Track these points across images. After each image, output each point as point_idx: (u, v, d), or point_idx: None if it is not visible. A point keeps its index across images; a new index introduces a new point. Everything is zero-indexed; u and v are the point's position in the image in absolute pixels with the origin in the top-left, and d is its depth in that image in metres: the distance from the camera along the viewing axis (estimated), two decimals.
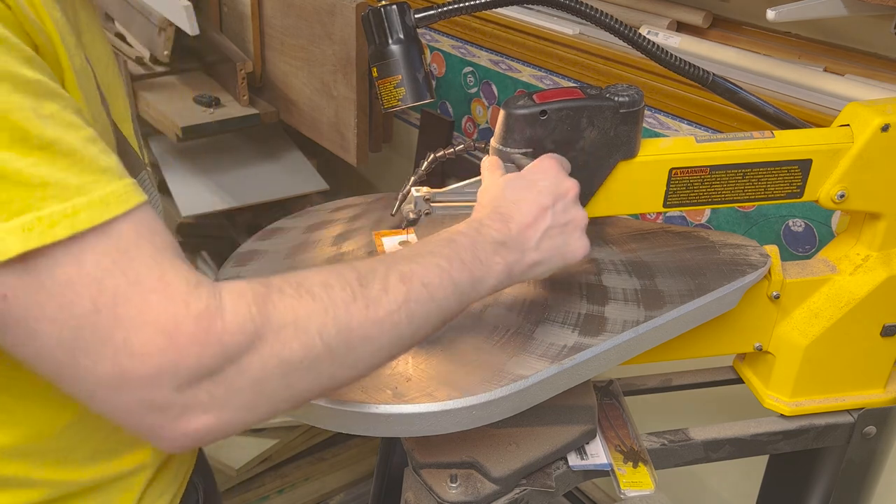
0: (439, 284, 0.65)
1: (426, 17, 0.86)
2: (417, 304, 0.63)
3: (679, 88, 1.26)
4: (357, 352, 0.60)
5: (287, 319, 0.56)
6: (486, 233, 0.71)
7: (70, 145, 0.52)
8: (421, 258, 0.66)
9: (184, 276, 0.53)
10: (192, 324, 0.52)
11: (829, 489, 1.05)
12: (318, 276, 0.60)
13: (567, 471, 0.89)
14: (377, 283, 0.61)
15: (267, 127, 1.93)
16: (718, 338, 0.97)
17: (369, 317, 0.60)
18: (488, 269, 0.70)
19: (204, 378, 0.53)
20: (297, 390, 0.58)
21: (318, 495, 1.92)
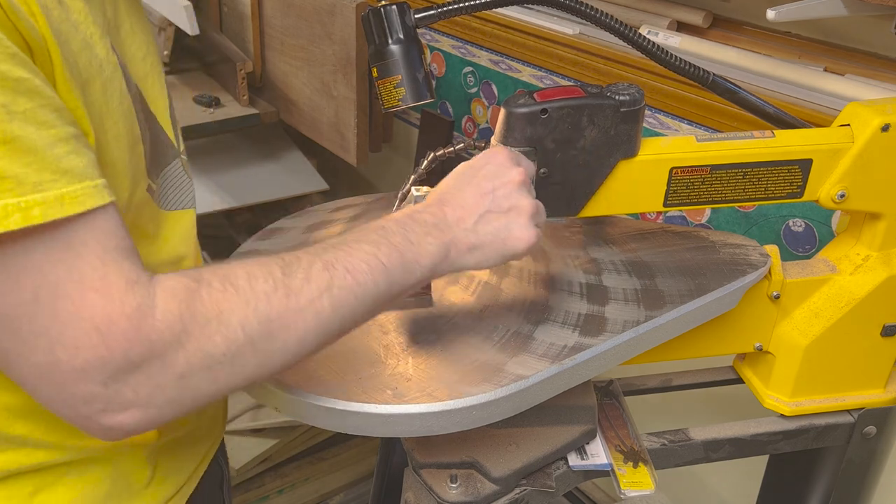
0: (366, 270, 0.66)
1: (426, 17, 0.86)
2: (342, 291, 0.64)
3: (679, 88, 1.26)
4: (279, 341, 0.61)
5: (211, 314, 0.58)
6: (418, 217, 0.72)
7: (34, 143, 0.54)
8: (347, 245, 0.67)
9: (125, 276, 0.56)
10: (125, 321, 0.55)
11: (829, 489, 1.05)
12: (244, 267, 0.62)
13: (567, 471, 0.89)
14: (300, 272, 0.63)
15: (267, 127, 1.93)
16: (718, 338, 0.97)
17: (290, 306, 0.61)
18: (420, 250, 0.70)
19: (130, 373, 0.56)
20: (221, 383, 0.60)
21: (318, 495, 1.92)
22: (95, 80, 0.64)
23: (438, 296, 0.88)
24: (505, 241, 0.74)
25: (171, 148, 0.82)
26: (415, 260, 0.69)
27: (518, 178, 0.75)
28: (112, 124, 0.66)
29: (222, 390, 0.61)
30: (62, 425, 0.69)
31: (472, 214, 0.73)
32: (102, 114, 0.65)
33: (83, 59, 0.62)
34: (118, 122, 0.67)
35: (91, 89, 0.63)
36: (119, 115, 0.67)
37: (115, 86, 0.66)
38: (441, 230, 0.72)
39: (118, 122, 0.67)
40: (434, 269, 0.71)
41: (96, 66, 0.64)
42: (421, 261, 0.70)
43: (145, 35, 0.78)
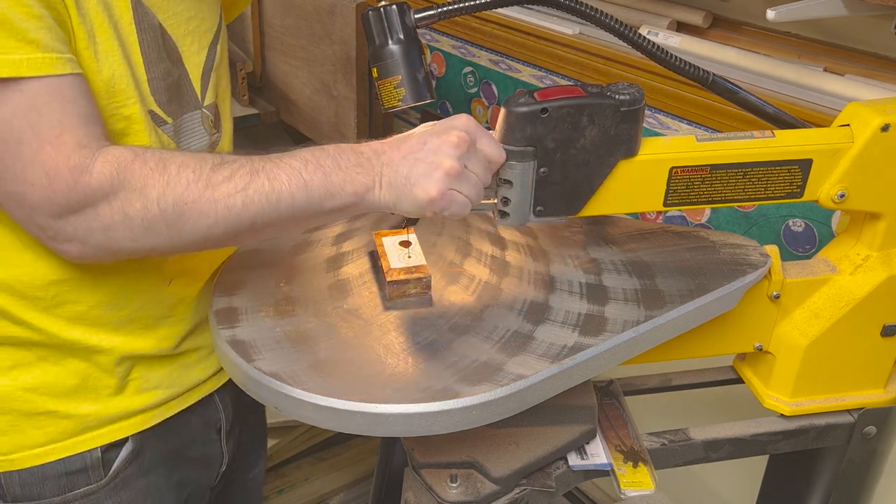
0: (286, 181, 0.75)
1: (426, 18, 0.86)
2: (256, 193, 0.74)
3: (679, 88, 1.26)
4: (191, 222, 0.73)
5: (137, 185, 0.72)
6: (357, 148, 0.78)
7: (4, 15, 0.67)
8: (280, 159, 0.76)
9: (76, 138, 0.71)
10: (67, 173, 0.70)
11: (829, 489, 1.05)
12: (183, 157, 0.74)
13: (567, 471, 0.89)
14: (226, 170, 0.74)
15: (267, 127, 1.93)
16: (718, 338, 0.97)
17: (205, 195, 0.73)
18: (346, 177, 0.76)
19: (70, 214, 0.71)
20: (139, 244, 0.74)
21: (318, 495, 1.92)
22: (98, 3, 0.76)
23: (438, 296, 0.88)
24: (413, 186, 0.76)
25: (194, 99, 0.91)
26: (339, 185, 0.76)
27: (454, 140, 0.76)
28: (104, 38, 0.77)
29: (141, 249, 0.74)
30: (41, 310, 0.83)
31: (400, 154, 0.77)
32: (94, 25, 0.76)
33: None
34: (111, 39, 0.78)
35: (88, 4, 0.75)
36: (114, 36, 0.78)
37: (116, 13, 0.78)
38: (372, 164, 0.77)
39: (111, 39, 0.78)
40: (358, 198, 0.77)
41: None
42: (346, 188, 0.76)
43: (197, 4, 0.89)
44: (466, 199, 0.77)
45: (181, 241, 0.74)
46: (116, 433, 0.90)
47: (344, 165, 0.76)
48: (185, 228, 0.73)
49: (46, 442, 0.87)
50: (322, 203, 0.76)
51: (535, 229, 1.03)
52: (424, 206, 0.76)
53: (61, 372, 0.86)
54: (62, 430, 0.87)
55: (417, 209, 0.77)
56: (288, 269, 0.93)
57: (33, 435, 0.87)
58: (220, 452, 1.04)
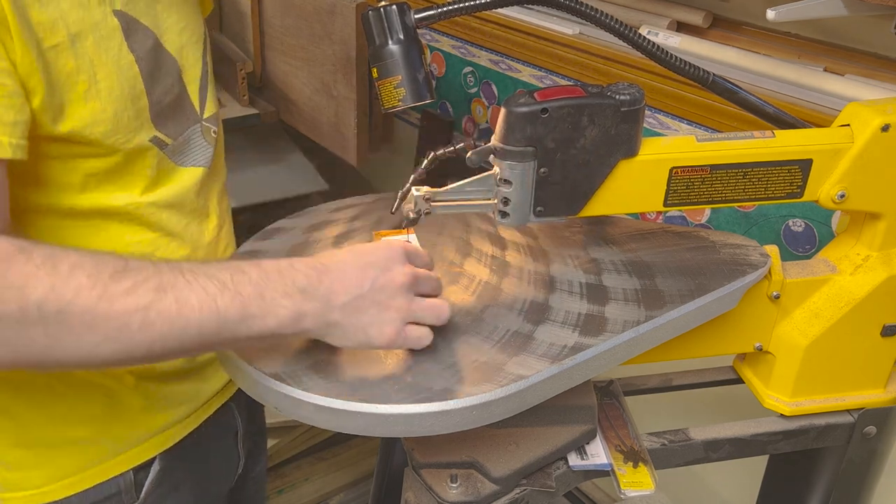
0: (196, 307, 0.65)
1: (426, 18, 0.86)
2: (159, 316, 0.64)
3: (679, 88, 1.26)
4: (74, 336, 0.62)
5: (16, 282, 0.61)
6: (288, 274, 0.70)
7: None
8: (193, 276, 0.67)
9: None
10: None
11: (829, 489, 1.05)
12: (78, 255, 0.64)
13: (567, 471, 0.89)
14: (128, 282, 0.64)
15: (267, 127, 1.93)
16: (718, 338, 0.97)
17: (98, 309, 0.62)
18: (269, 310, 0.68)
19: None
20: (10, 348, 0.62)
21: (318, 495, 1.92)
22: (88, 36, 0.72)
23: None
24: (366, 331, 0.73)
25: (193, 114, 0.89)
26: (258, 316, 0.68)
27: (401, 279, 0.74)
28: (105, 76, 0.74)
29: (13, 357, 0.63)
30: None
31: (346, 293, 0.72)
32: (95, 65, 0.73)
33: (73, 16, 0.71)
34: (111, 74, 0.74)
35: (83, 42, 0.72)
36: (113, 70, 0.75)
37: (113, 44, 0.75)
38: (305, 297, 0.70)
39: (111, 74, 0.74)
40: (278, 330, 0.70)
41: (90, 24, 0.73)
42: (266, 320, 0.68)
43: (186, 11, 0.86)
44: (425, 330, 0.76)
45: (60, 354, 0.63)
46: (144, 454, 0.89)
47: (269, 296, 0.68)
48: (67, 342, 0.63)
49: (78, 470, 0.85)
50: (237, 332, 0.68)
51: (535, 229, 1.03)
52: (379, 347, 0.74)
53: (85, 400, 0.84)
54: (93, 456, 0.86)
55: (368, 348, 0.75)
56: None
57: (64, 465, 0.85)
58: (237, 456, 1.04)
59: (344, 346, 0.75)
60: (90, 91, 0.72)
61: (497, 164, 0.84)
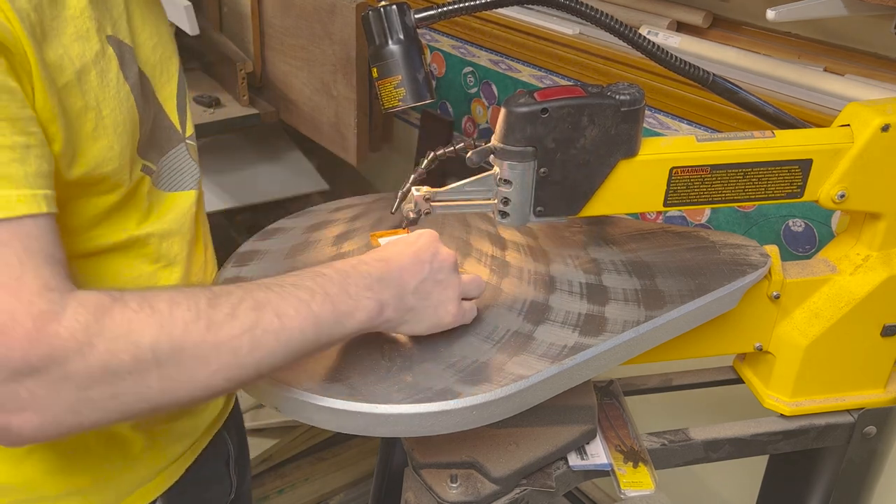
0: (294, 315, 0.65)
1: (426, 17, 0.86)
2: (265, 333, 0.63)
3: (679, 88, 1.26)
4: (190, 370, 0.60)
5: (121, 331, 0.57)
6: (361, 269, 0.72)
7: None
8: (281, 288, 0.66)
9: (42, 280, 0.57)
10: (29, 322, 0.55)
11: (829, 489, 1.05)
12: (168, 293, 0.61)
13: (567, 471, 0.89)
14: (226, 306, 0.62)
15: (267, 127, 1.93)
16: (718, 338, 0.97)
17: (208, 338, 0.60)
18: (356, 304, 0.70)
19: (27, 376, 0.55)
20: (124, 401, 0.59)
21: (318, 495, 1.92)
22: (91, 70, 0.67)
23: None
24: (437, 312, 0.77)
25: (175, 133, 0.85)
26: (349, 313, 0.69)
27: (451, 259, 0.78)
28: (110, 111, 0.69)
29: (125, 410, 0.60)
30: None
31: (414, 278, 0.75)
32: (100, 99, 0.68)
33: (76, 49, 0.66)
34: (115, 109, 0.70)
35: (87, 78, 0.67)
36: (116, 103, 0.70)
37: (112, 76, 0.70)
38: (384, 285, 0.72)
39: (115, 109, 0.70)
40: (367, 325, 0.71)
41: (91, 57, 0.67)
42: (356, 314, 0.70)
43: (157, 27, 0.81)
44: (472, 303, 0.81)
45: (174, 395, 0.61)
46: (148, 495, 0.86)
47: (353, 292, 0.70)
48: (182, 379, 0.60)
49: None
50: (332, 334, 0.69)
51: (535, 229, 1.03)
52: (447, 325, 0.78)
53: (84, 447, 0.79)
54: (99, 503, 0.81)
55: (437, 329, 0.78)
56: (288, 270, 0.93)
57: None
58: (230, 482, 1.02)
59: (416, 332, 0.77)
60: (97, 129, 0.68)
61: (497, 164, 0.84)
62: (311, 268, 0.71)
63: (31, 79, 0.61)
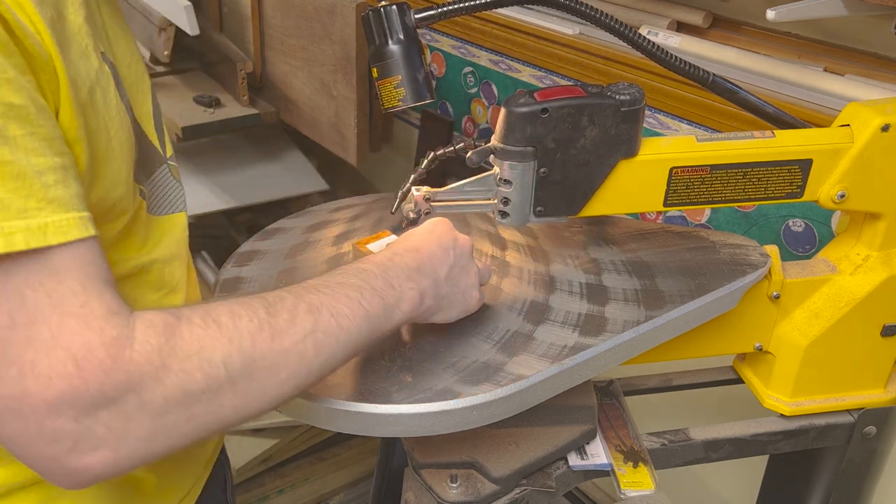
0: (349, 314, 0.65)
1: (426, 18, 0.86)
2: (325, 335, 0.63)
3: (679, 88, 1.26)
4: (261, 382, 0.59)
5: (192, 349, 0.56)
6: (398, 261, 0.73)
7: (23, 170, 0.53)
8: (330, 289, 0.66)
9: (106, 304, 0.54)
10: (102, 351, 0.52)
11: (829, 489, 1.05)
12: (225, 306, 0.60)
13: (567, 471, 0.89)
14: (284, 313, 0.62)
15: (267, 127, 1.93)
16: (718, 338, 0.97)
17: (274, 347, 0.60)
18: (401, 295, 0.71)
19: (103, 408, 0.53)
20: (198, 423, 0.57)
21: (318, 495, 1.92)
22: (96, 89, 0.65)
23: None
24: (465, 297, 0.79)
25: (157, 155, 0.82)
26: (395, 305, 0.70)
27: (469, 246, 0.81)
28: (115, 132, 0.67)
29: (198, 432, 0.58)
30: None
31: (443, 265, 0.76)
32: (106, 120, 0.65)
33: (83, 68, 0.63)
34: (119, 130, 0.67)
35: (95, 98, 0.64)
36: (119, 123, 0.68)
37: (111, 95, 0.67)
38: (422, 274, 0.74)
39: (119, 130, 0.67)
40: (411, 315, 0.72)
41: (94, 76, 0.65)
42: (402, 306, 0.71)
43: (128, 43, 0.79)
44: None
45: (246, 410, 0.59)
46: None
47: (396, 284, 0.71)
48: (254, 390, 0.59)
49: None
50: (382, 328, 0.69)
51: (535, 229, 1.03)
52: (472, 310, 0.81)
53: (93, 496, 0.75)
54: None
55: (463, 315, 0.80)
56: (288, 270, 0.93)
57: None
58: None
59: (448, 320, 0.79)
60: (108, 150, 0.66)
61: (497, 164, 0.84)
62: (350, 264, 0.72)
63: (57, 97, 0.59)
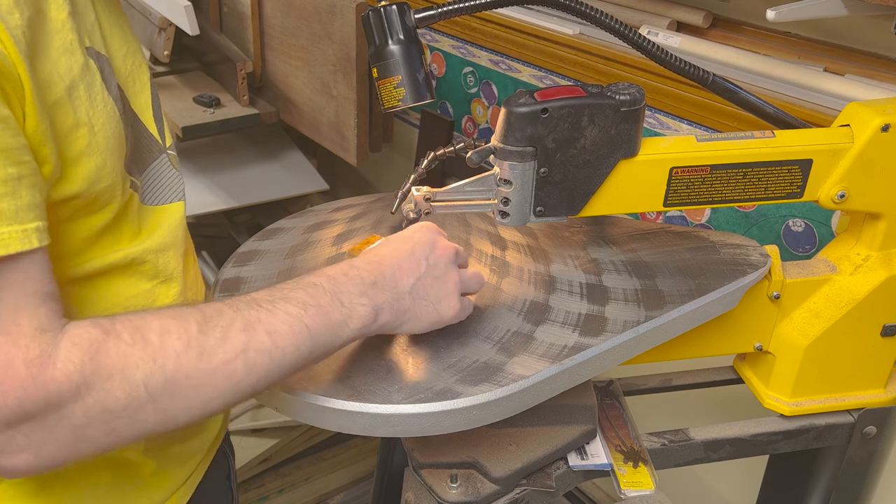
0: (287, 331, 0.64)
1: (426, 18, 0.86)
2: (258, 354, 0.63)
3: (679, 88, 1.26)
4: (184, 401, 0.60)
5: (115, 368, 0.57)
6: (354, 274, 0.71)
7: None
8: (272, 304, 0.65)
9: (37, 322, 0.56)
10: (24, 368, 0.54)
11: (829, 489, 1.05)
12: (159, 319, 0.61)
13: (567, 471, 0.89)
14: (217, 330, 0.62)
15: (267, 127, 1.93)
16: (718, 338, 0.97)
17: (200, 367, 0.60)
18: (350, 312, 0.69)
19: (23, 421, 0.55)
20: (119, 435, 0.59)
21: (318, 495, 1.92)
22: (79, 84, 0.65)
23: None
24: (436, 308, 0.76)
25: (156, 145, 0.82)
26: (343, 322, 0.68)
27: (449, 253, 0.78)
28: (101, 126, 0.67)
29: (120, 442, 0.60)
30: None
31: (409, 276, 0.74)
32: (91, 115, 0.66)
33: (63, 64, 0.64)
34: (106, 124, 0.68)
35: (76, 94, 0.65)
36: (105, 118, 0.68)
37: (97, 89, 0.68)
38: (378, 289, 0.72)
39: (106, 124, 0.68)
40: (363, 332, 0.71)
41: (78, 71, 0.65)
42: (350, 323, 0.69)
43: (124, 34, 0.79)
44: (472, 299, 0.81)
45: (170, 423, 0.61)
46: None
47: (346, 300, 0.69)
48: (178, 408, 0.61)
49: None
50: (327, 345, 0.68)
51: (535, 229, 1.03)
52: (448, 321, 0.78)
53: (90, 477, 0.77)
54: None
55: (438, 326, 0.77)
56: (288, 270, 0.93)
57: None
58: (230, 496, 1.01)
59: (416, 331, 0.77)
60: (90, 146, 0.66)
61: (497, 164, 0.84)
62: (303, 277, 0.70)
63: (23, 103, 0.59)
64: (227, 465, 0.98)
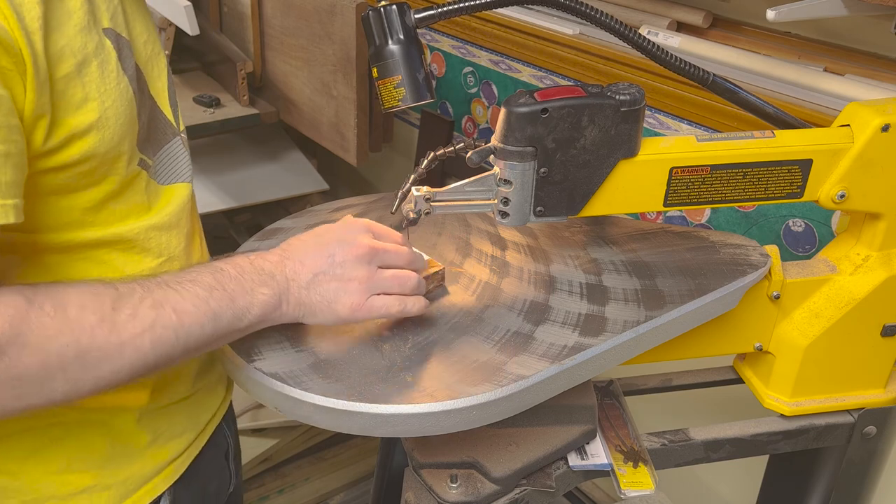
0: (193, 311, 0.69)
1: (426, 18, 0.86)
2: (165, 330, 0.67)
3: (679, 88, 1.26)
4: (94, 371, 0.65)
5: (32, 339, 0.61)
6: (257, 264, 0.75)
7: None
8: (181, 285, 0.70)
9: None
10: None
11: (829, 489, 1.05)
12: (78, 295, 0.65)
13: (567, 471, 0.89)
14: (128, 307, 0.66)
15: (267, 127, 1.94)
16: (718, 338, 0.97)
17: (111, 340, 0.65)
18: (253, 299, 0.73)
19: None
20: (27, 402, 0.63)
21: (318, 495, 1.92)
22: (92, 61, 0.69)
23: (439, 296, 0.88)
24: (331, 305, 0.76)
25: (171, 127, 0.86)
26: (245, 308, 0.72)
27: (358, 252, 0.78)
28: (112, 102, 0.71)
29: (27, 407, 0.63)
30: None
31: (308, 272, 0.76)
32: (102, 91, 0.70)
33: (78, 42, 0.68)
34: (117, 101, 0.71)
35: (88, 69, 0.68)
36: (117, 95, 0.71)
37: (111, 68, 0.71)
38: (277, 281, 0.75)
39: (117, 101, 0.71)
40: (264, 318, 0.74)
41: (92, 49, 0.69)
42: (252, 309, 0.73)
43: (145, 21, 0.82)
44: (391, 298, 0.79)
45: (78, 392, 0.65)
46: (154, 491, 0.86)
47: (249, 287, 0.73)
48: (87, 378, 0.65)
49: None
50: (230, 327, 0.72)
51: (535, 229, 1.03)
52: (346, 319, 0.77)
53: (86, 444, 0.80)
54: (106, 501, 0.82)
55: (338, 322, 0.78)
56: None
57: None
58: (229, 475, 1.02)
59: (316, 323, 0.78)
60: (100, 120, 0.70)
61: (497, 164, 0.84)
62: (212, 262, 0.74)
63: (24, 78, 0.62)
64: (227, 443, 1.00)
